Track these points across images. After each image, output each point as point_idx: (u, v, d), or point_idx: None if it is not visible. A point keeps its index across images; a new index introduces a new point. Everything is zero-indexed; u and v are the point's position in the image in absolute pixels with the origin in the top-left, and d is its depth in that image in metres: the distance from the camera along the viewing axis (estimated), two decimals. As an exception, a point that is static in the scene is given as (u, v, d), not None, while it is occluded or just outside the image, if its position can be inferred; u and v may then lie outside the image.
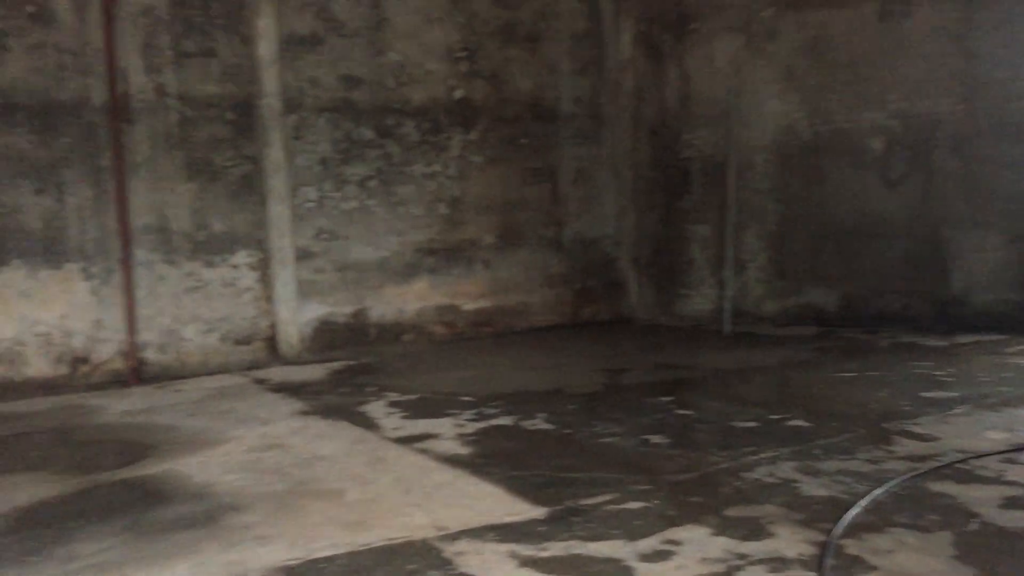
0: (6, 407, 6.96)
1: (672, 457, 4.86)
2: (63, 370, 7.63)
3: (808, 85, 8.95)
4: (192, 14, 7.93)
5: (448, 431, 5.64)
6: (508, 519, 3.99)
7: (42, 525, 4.25)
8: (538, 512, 4.06)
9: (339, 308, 8.70)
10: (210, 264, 8.15)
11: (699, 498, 4.16)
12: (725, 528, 3.78)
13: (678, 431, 5.40)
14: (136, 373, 7.73)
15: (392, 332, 8.94)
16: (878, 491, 4.12)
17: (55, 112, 7.52)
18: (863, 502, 3.98)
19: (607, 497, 4.21)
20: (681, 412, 5.87)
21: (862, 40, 8.54)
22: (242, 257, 8.27)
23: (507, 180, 9.49)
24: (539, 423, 5.74)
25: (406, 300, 9.02)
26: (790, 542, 3.60)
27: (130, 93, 7.72)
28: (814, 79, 8.91)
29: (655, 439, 5.23)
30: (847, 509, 3.90)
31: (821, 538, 3.61)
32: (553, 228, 9.80)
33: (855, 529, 3.69)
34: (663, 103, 9.87)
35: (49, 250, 7.56)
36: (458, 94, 9.17)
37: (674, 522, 3.87)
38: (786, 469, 4.53)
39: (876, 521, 3.78)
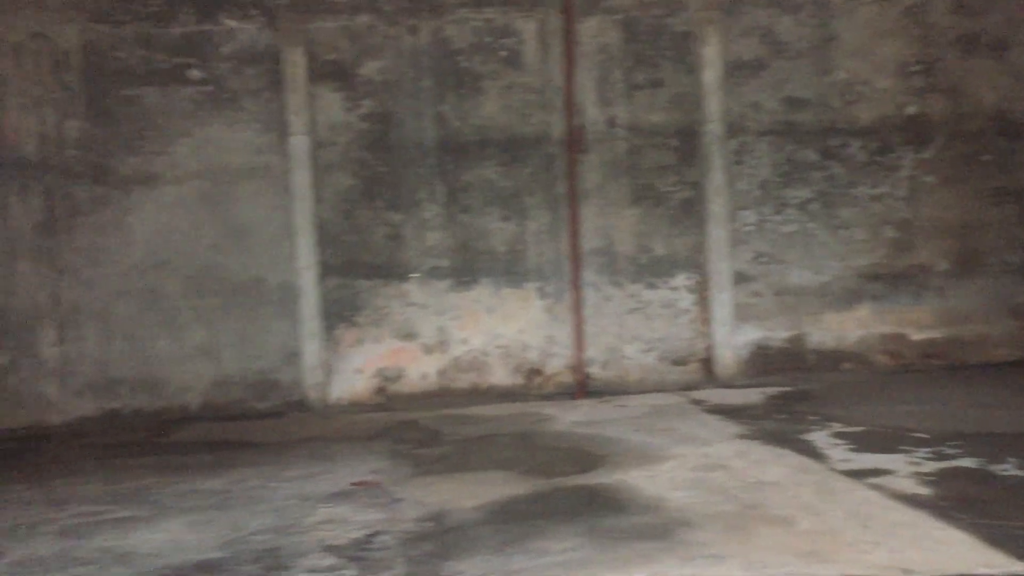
0: (475, 410, 7.80)
1: None
2: (519, 380, 8.38)
3: None
4: (642, 48, 8.35)
5: (902, 468, 5.29)
6: (984, 570, 3.65)
7: (514, 520, 4.69)
8: (1021, 567, 3.65)
9: (775, 333, 8.58)
10: (651, 286, 8.47)
11: None
12: None
13: None
14: (582, 387, 8.25)
15: (831, 360, 8.60)
16: None
17: (519, 146, 8.33)
18: None
19: (1109, 561, 3.68)
20: None
21: None
22: (681, 280, 8.49)
23: (964, 201, 8.70)
24: (1011, 469, 5.17)
25: (846, 327, 8.63)
26: None
27: (585, 126, 8.30)
28: None
29: None
30: None
31: None
32: (1020, 253, 8.78)
33: None
34: None
35: (511, 271, 8.37)
36: (910, 111, 8.61)
37: None
38: None
39: None
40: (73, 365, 7.99)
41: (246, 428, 7.59)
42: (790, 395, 7.78)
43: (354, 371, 8.26)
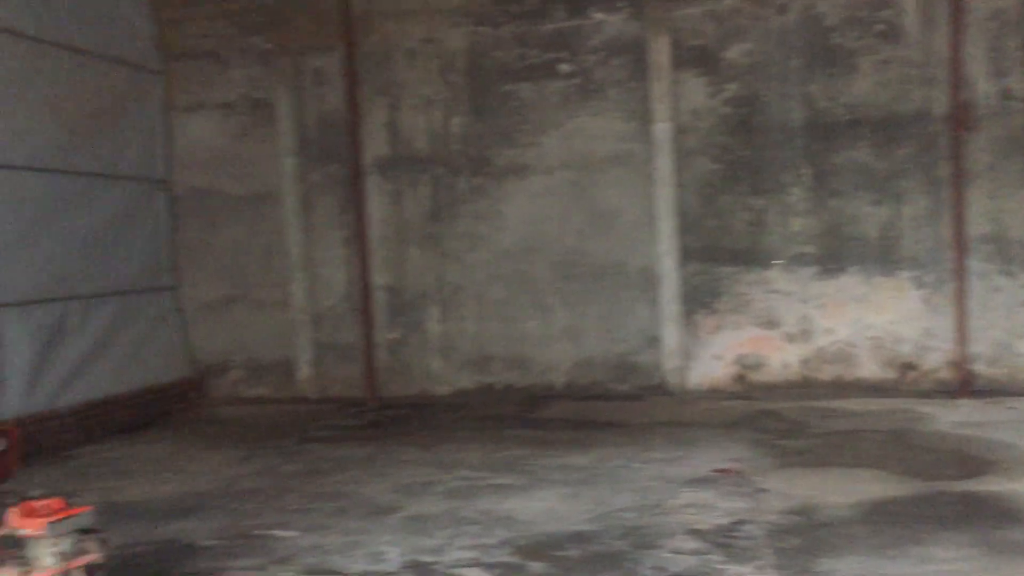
0: (839, 404, 7.43)
1: None
2: (891, 374, 7.85)
3: None
4: (1045, 10, 7.43)
5: None
6: None
7: (890, 521, 4.42)
8: None
9: None
10: (1051, 277, 7.54)
11: None
12: None
13: None
14: (965, 385, 7.55)
15: None
16: None
17: (895, 124, 7.78)
18: None
19: None
20: None
21: None
22: (1089, 270, 7.47)
23: None
24: None
25: None
26: None
27: (973, 100, 7.56)
28: None
29: None
30: None
31: None
32: None
33: None
34: None
35: (883, 258, 7.85)
36: None
37: None
38: None
39: None
40: (454, 341, 8.72)
41: (606, 408, 7.83)
42: None
43: (712, 357, 8.21)
